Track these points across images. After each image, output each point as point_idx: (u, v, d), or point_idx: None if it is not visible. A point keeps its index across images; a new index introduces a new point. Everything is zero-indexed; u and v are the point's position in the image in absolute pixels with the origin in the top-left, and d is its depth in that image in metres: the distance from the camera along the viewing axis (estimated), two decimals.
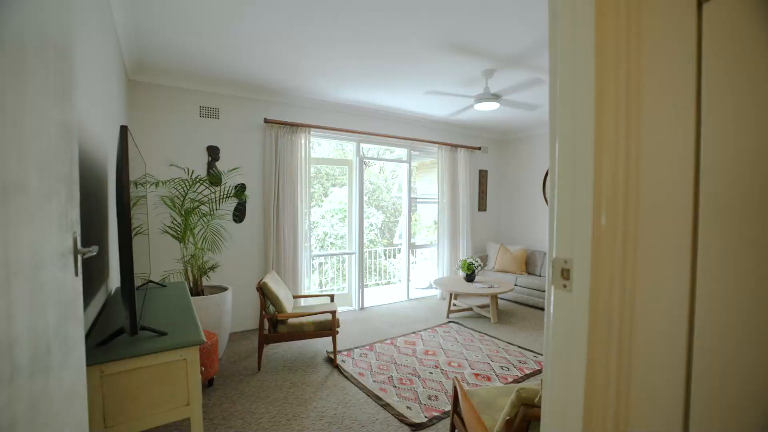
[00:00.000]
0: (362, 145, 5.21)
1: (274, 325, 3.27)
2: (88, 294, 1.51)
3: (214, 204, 3.55)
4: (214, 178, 3.65)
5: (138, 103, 3.59)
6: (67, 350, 0.75)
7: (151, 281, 2.33)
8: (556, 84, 0.68)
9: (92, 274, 1.60)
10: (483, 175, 6.55)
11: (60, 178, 0.75)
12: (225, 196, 3.58)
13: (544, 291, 5.08)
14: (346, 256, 5.39)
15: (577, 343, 0.64)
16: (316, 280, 6.96)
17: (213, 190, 3.57)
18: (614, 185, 0.62)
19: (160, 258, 3.67)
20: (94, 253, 0.91)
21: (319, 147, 8.54)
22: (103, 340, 1.27)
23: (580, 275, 0.64)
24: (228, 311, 3.49)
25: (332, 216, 8.56)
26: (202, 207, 3.56)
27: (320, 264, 7.21)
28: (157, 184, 3.19)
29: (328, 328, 3.33)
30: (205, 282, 3.75)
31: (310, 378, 3.09)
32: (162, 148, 3.70)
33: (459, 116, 5.44)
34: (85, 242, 1.45)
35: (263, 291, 3.21)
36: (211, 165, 3.97)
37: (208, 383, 2.89)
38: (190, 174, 3.42)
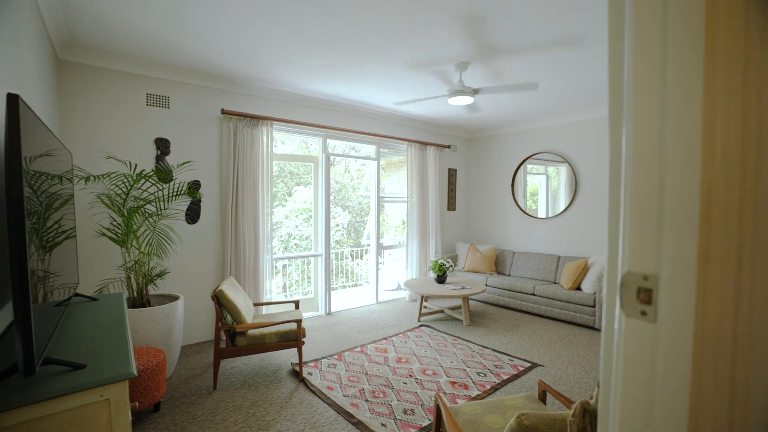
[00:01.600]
0: (329, 141, 4.93)
1: (232, 337, 2.94)
2: None
3: (162, 203, 3.16)
4: (162, 173, 3.25)
5: (70, 87, 3.12)
6: None
7: (78, 294, 1.96)
8: (622, 24, 0.48)
9: None
10: (452, 173, 6.46)
11: None
12: (175, 193, 3.19)
13: (515, 291, 5.02)
14: (311, 258, 5.08)
15: (668, 399, 0.43)
16: (280, 283, 6.59)
17: (161, 187, 3.17)
18: (727, 170, 0.42)
19: (98, 265, 3.22)
20: None
21: (283, 145, 8.16)
22: None
23: (674, 299, 0.44)
24: (179, 323, 3.12)
25: (296, 216, 8.19)
26: (149, 206, 3.16)
27: (284, 266, 6.84)
28: (87, 179, 2.76)
29: (293, 338, 3.04)
30: (152, 291, 3.35)
31: (273, 395, 2.79)
32: (99, 139, 3.25)
33: (429, 113, 5.29)
34: None
35: (219, 300, 2.87)
36: (160, 159, 3.55)
37: (153, 408, 2.52)
38: (132, 168, 3.01)
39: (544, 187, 5.94)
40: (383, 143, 5.46)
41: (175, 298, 3.27)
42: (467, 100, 3.59)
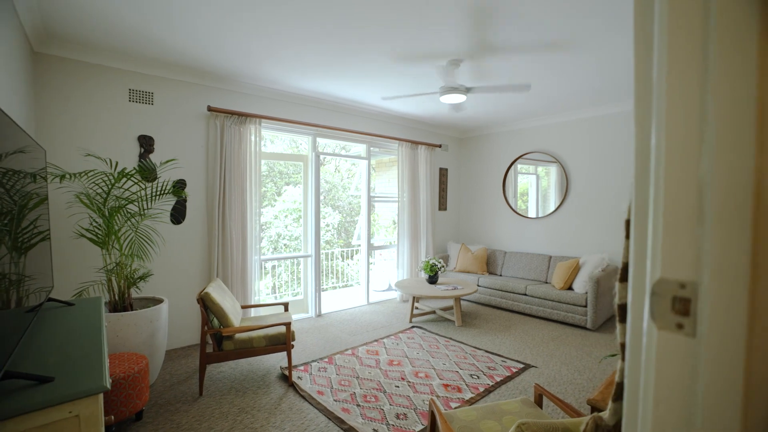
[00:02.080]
0: (318, 139, 4.85)
1: (219, 341, 2.85)
2: None
3: (145, 202, 3.04)
4: (145, 171, 3.13)
5: (47, 82, 2.99)
6: None
7: (52, 299, 1.85)
8: None
9: None
10: (443, 173, 6.42)
11: None
12: (159, 192, 3.08)
13: (506, 291, 5.00)
14: (301, 259, 4.99)
15: (713, 426, 0.38)
16: (270, 284, 6.48)
17: (143, 186, 3.05)
18: None
19: (77, 268, 3.08)
20: None
21: (272, 144, 8.04)
22: None
23: (719, 310, 0.38)
24: (163, 326, 3.01)
25: (286, 216, 8.08)
26: (131, 206, 3.04)
27: (273, 267, 6.72)
28: (63, 177, 2.62)
29: (282, 342, 2.96)
30: (135, 294, 3.22)
31: (262, 401, 2.70)
32: (79, 136, 3.11)
33: (421, 112, 5.24)
34: None
35: (205, 303, 2.77)
36: (143, 157, 3.43)
37: (135, 417, 2.41)
38: (114, 167, 2.89)
39: (534, 187, 5.94)
40: (374, 142, 5.39)
41: (160, 301, 3.16)
42: (459, 98, 3.54)
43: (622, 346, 0.67)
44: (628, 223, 0.66)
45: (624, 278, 0.69)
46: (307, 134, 4.71)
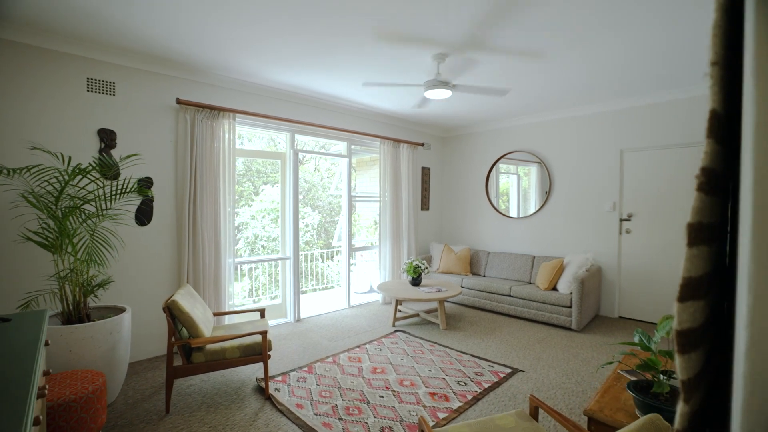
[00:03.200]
0: (297, 136, 4.63)
1: (188, 353, 2.61)
2: None
3: (104, 202, 2.77)
4: (105, 168, 2.86)
5: None
6: None
7: None
8: None
9: None
10: (426, 172, 6.29)
11: None
12: (121, 191, 2.81)
13: (491, 293, 4.90)
14: (279, 261, 4.76)
15: None
16: (247, 287, 6.21)
17: (102, 184, 2.78)
18: None
19: (23, 276, 2.77)
20: None
21: (250, 142, 7.74)
22: None
23: None
24: (125, 338, 2.75)
25: (263, 216, 7.79)
26: (88, 206, 2.76)
27: (250, 269, 6.45)
28: None
29: (258, 352, 2.75)
30: (93, 303, 2.94)
31: (235, 417, 2.48)
32: (26, 128, 2.80)
33: (403, 109, 5.09)
34: None
35: (171, 311, 2.53)
36: (104, 153, 3.14)
37: None
38: (67, 162, 2.61)
39: (515, 187, 5.89)
40: (355, 140, 5.21)
41: (122, 310, 2.89)
42: (445, 93, 3.41)
43: (684, 383, 0.52)
44: (691, 226, 0.52)
45: (685, 297, 0.54)
46: (285, 131, 4.49)
